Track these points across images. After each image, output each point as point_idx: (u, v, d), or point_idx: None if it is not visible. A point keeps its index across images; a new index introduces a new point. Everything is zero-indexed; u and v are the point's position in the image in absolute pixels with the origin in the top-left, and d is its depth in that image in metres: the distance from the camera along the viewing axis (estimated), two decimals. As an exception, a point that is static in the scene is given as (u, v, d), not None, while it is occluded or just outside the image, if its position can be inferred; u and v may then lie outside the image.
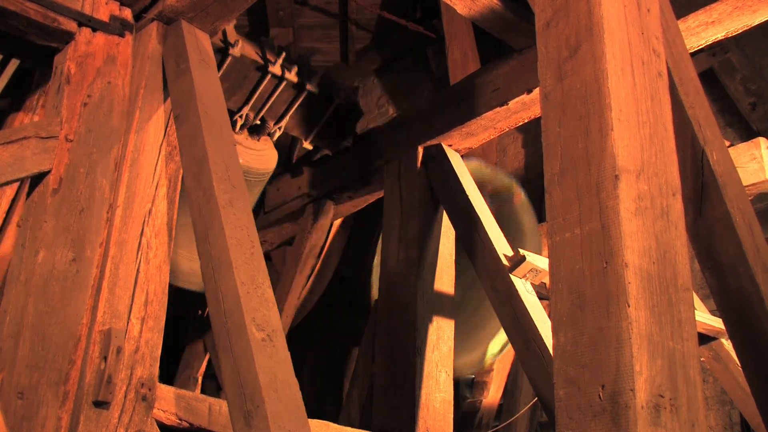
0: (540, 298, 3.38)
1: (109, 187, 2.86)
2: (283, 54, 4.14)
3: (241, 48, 3.93)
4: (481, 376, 5.30)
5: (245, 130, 4.35)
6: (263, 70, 4.11)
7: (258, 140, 4.42)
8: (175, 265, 4.02)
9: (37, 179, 2.82)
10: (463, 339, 4.41)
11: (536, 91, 3.37)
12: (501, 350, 4.58)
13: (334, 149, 4.65)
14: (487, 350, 4.60)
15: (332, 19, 8.48)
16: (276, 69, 4.13)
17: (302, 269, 4.81)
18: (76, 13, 3.02)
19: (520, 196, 4.72)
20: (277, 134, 4.46)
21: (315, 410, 3.19)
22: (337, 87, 4.49)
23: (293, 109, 4.34)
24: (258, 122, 4.34)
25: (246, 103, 4.20)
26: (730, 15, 2.93)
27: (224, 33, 3.89)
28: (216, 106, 2.90)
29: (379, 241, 4.19)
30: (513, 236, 4.26)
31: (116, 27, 3.11)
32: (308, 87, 4.29)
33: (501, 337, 4.51)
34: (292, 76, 4.19)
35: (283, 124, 4.39)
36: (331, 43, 8.74)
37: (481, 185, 4.04)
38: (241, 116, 4.20)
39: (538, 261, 3.34)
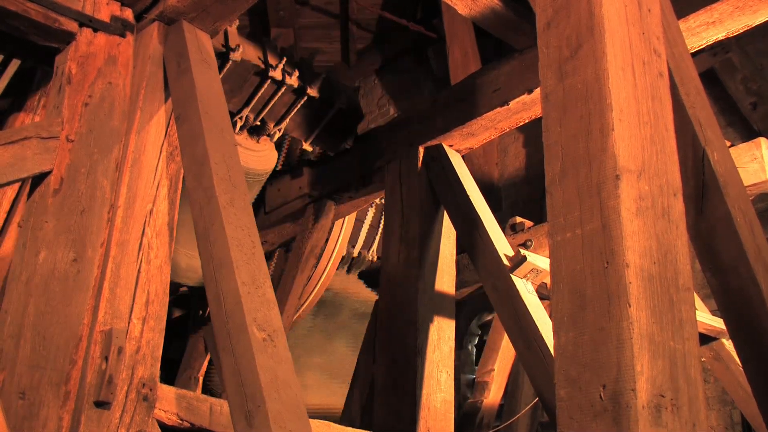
0: (541, 299, 3.38)
1: (110, 187, 2.86)
2: (284, 59, 4.13)
3: (242, 52, 3.92)
4: (482, 376, 5.30)
5: (245, 131, 4.35)
6: (264, 74, 4.10)
7: (257, 141, 4.42)
8: (175, 263, 4.01)
9: (38, 179, 2.82)
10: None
11: (537, 91, 3.37)
12: None
13: (335, 151, 4.66)
14: None
15: (333, 20, 8.48)
16: (277, 74, 4.12)
17: (303, 269, 4.81)
18: (77, 13, 3.02)
19: None
20: (277, 135, 4.47)
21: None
22: (339, 91, 4.48)
23: (293, 112, 4.34)
24: (258, 123, 4.35)
25: (246, 105, 4.19)
26: (731, 15, 2.93)
27: (226, 36, 3.86)
28: (217, 106, 2.90)
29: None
30: None
31: (117, 27, 3.11)
32: (309, 91, 4.28)
33: None
34: (293, 80, 4.18)
35: (283, 126, 4.40)
36: (332, 44, 8.73)
37: None
38: (241, 117, 4.21)
39: (539, 261, 3.34)
